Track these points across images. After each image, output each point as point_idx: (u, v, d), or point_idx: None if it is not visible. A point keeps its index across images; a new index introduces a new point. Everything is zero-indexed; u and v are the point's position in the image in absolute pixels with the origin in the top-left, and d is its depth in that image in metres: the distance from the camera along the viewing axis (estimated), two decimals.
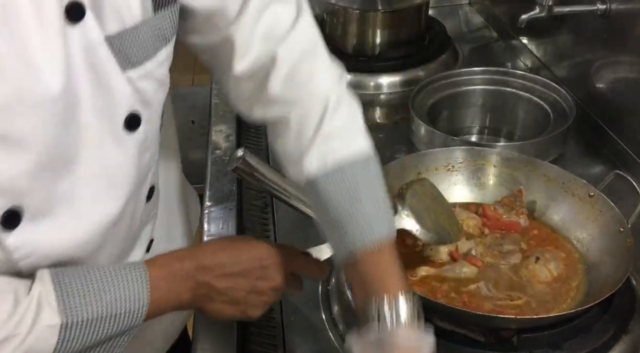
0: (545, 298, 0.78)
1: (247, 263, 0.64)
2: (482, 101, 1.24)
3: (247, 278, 0.64)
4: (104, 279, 0.57)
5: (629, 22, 1.04)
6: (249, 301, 0.65)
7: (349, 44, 1.41)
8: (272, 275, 0.65)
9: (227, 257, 0.64)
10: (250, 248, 0.66)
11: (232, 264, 0.64)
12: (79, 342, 0.55)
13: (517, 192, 0.92)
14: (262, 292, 0.65)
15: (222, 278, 0.63)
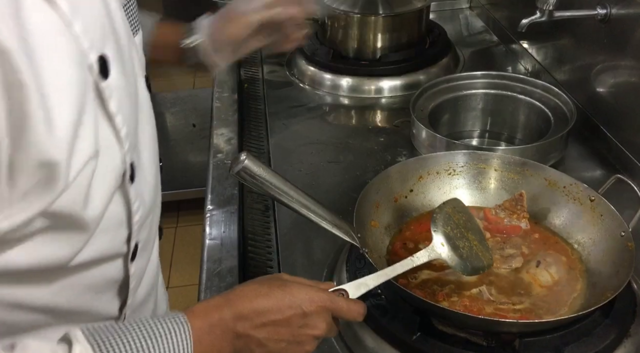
0: (546, 302, 0.78)
1: (289, 311, 0.61)
2: (482, 105, 1.24)
3: (289, 327, 0.61)
4: (145, 335, 0.54)
5: (629, 27, 1.05)
6: (290, 350, 0.61)
7: (350, 48, 1.41)
8: (314, 323, 0.62)
9: (266, 304, 0.61)
10: (292, 295, 0.62)
11: (273, 312, 0.60)
12: None
13: (518, 195, 0.92)
14: (303, 341, 0.62)
15: (262, 328, 0.60)
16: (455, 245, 0.76)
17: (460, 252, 0.76)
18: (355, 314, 0.66)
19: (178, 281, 2.33)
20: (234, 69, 1.46)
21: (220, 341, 0.59)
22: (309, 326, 0.62)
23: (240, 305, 0.60)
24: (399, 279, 0.80)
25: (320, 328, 0.62)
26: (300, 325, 0.61)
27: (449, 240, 0.76)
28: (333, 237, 0.78)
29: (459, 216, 0.80)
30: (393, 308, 0.76)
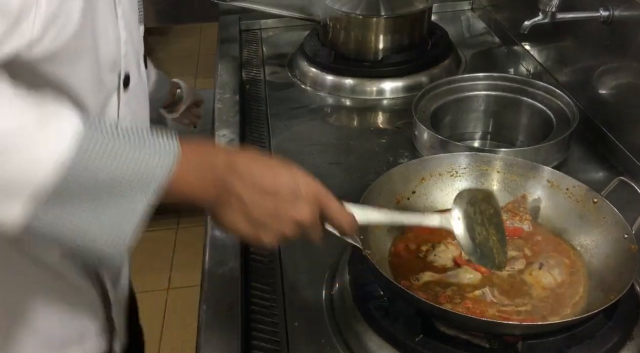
0: (549, 304, 0.78)
1: (282, 185, 0.59)
2: (484, 107, 1.24)
3: (275, 200, 0.59)
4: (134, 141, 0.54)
5: (632, 29, 1.04)
6: (267, 224, 0.60)
7: (352, 50, 1.41)
8: (301, 207, 0.60)
9: (264, 171, 0.59)
10: (292, 174, 0.61)
11: (267, 180, 0.59)
12: (91, 169, 0.51)
13: (521, 197, 0.92)
14: (283, 220, 0.60)
15: (250, 189, 0.58)
16: (471, 227, 0.73)
17: (475, 236, 0.74)
18: (343, 222, 0.64)
19: (179, 282, 2.33)
20: (236, 71, 1.45)
21: (206, 177, 0.57)
22: (295, 208, 0.60)
23: (239, 160, 0.59)
24: (401, 281, 0.80)
25: (304, 215, 0.60)
26: (286, 203, 0.60)
27: (467, 219, 0.73)
28: (335, 238, 0.78)
29: (488, 207, 0.77)
30: (395, 310, 0.76)
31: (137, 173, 0.53)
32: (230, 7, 1.60)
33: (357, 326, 0.78)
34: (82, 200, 0.52)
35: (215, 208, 0.59)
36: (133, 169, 0.53)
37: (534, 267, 0.82)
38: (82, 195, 0.52)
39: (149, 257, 2.36)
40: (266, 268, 0.92)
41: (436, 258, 0.84)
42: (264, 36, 1.67)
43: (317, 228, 0.64)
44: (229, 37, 1.62)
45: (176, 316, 2.18)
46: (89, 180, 0.51)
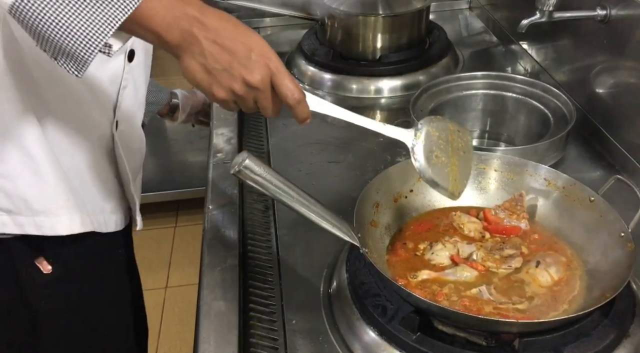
0: (545, 302, 0.78)
1: (239, 46, 0.65)
2: (482, 105, 1.25)
3: (231, 57, 0.65)
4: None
5: (629, 28, 1.05)
6: (219, 77, 0.65)
7: (350, 48, 1.41)
8: (253, 68, 0.65)
9: (227, 28, 0.65)
10: (252, 37, 0.67)
11: (228, 38, 0.65)
12: None
13: (518, 196, 0.92)
14: (234, 77, 0.65)
15: (211, 43, 0.64)
16: (430, 149, 0.75)
17: (431, 157, 0.75)
18: (289, 92, 0.69)
19: (177, 281, 2.33)
20: None
21: (172, 22, 0.62)
22: (247, 69, 0.66)
23: (209, 15, 0.65)
24: (398, 279, 0.80)
25: (255, 76, 0.66)
26: (240, 62, 0.65)
27: (428, 139, 0.74)
28: (333, 237, 0.78)
29: (458, 140, 0.78)
30: (393, 308, 0.76)
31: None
32: (229, 5, 1.60)
33: (355, 324, 0.78)
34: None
35: (177, 53, 0.65)
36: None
37: (531, 265, 0.82)
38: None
39: (148, 255, 2.36)
40: (264, 266, 0.92)
41: (434, 257, 0.84)
42: (262, 35, 1.67)
43: (266, 95, 0.68)
44: None
45: (174, 314, 2.19)
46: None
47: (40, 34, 0.60)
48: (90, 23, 0.59)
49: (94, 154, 0.90)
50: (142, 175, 1.10)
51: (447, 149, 0.78)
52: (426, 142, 0.77)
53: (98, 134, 0.90)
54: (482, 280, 0.81)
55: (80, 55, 0.61)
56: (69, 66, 0.62)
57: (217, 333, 0.78)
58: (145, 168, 1.09)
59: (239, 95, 0.67)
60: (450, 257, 0.84)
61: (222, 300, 0.83)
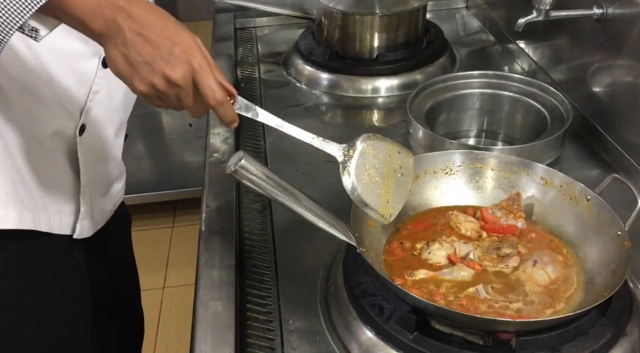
0: (543, 301, 0.78)
1: (164, 40, 0.64)
2: (479, 104, 1.25)
3: (155, 50, 0.64)
4: None
5: (625, 27, 1.05)
6: (140, 70, 0.64)
7: (347, 48, 1.41)
8: (174, 64, 0.64)
9: (154, 21, 0.64)
10: (179, 33, 0.65)
11: (153, 31, 0.64)
12: None
13: (515, 195, 0.92)
14: (155, 72, 0.64)
15: (134, 35, 0.63)
16: (363, 167, 0.73)
17: (362, 176, 0.74)
18: (210, 93, 0.67)
19: (174, 281, 2.33)
20: (231, 69, 1.45)
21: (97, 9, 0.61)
22: (170, 63, 0.64)
23: (135, 5, 0.63)
24: (395, 278, 0.80)
25: (176, 73, 0.64)
26: (162, 56, 0.64)
27: (361, 157, 0.73)
28: (330, 236, 0.78)
29: (397, 160, 0.76)
30: (390, 307, 0.76)
31: None
32: (226, 5, 1.60)
33: (352, 324, 0.78)
34: None
35: (102, 42, 0.64)
36: None
37: (528, 265, 0.82)
38: None
39: (145, 255, 2.36)
40: (261, 266, 0.92)
41: (431, 256, 0.84)
42: (259, 34, 1.67)
43: (188, 93, 0.67)
44: (224, 35, 1.62)
45: (172, 314, 2.18)
46: None
47: None
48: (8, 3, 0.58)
49: (52, 152, 0.87)
50: (121, 185, 1.06)
51: (382, 169, 0.76)
52: (359, 160, 0.75)
53: (59, 134, 0.87)
54: (479, 280, 0.81)
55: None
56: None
57: (214, 334, 0.78)
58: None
59: (160, 91, 0.66)
60: (447, 256, 0.84)
61: (219, 300, 0.83)
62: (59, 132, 0.87)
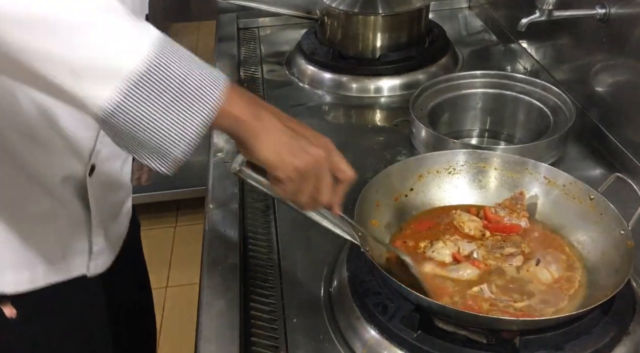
0: (546, 300, 0.79)
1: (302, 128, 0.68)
2: (482, 104, 1.25)
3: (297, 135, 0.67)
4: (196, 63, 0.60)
5: (628, 26, 1.05)
6: (288, 154, 0.66)
7: (350, 48, 1.42)
8: (316, 147, 0.68)
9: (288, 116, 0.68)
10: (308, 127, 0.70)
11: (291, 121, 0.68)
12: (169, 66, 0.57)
13: (518, 194, 0.92)
14: (304, 151, 0.67)
15: (279, 122, 0.66)
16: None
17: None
18: (347, 166, 0.73)
19: (178, 280, 2.33)
20: (234, 69, 1.46)
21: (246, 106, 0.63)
22: (312, 147, 0.68)
23: (267, 104, 0.67)
24: (399, 277, 0.80)
25: (319, 153, 0.68)
26: (307, 138, 0.68)
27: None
28: (333, 235, 0.78)
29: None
30: (393, 306, 0.76)
31: (203, 77, 0.59)
32: (228, 5, 1.60)
33: (356, 322, 0.78)
34: (157, 95, 0.57)
35: (249, 135, 0.64)
36: (200, 73, 0.59)
37: (531, 264, 0.83)
38: (158, 90, 0.57)
39: (148, 254, 2.36)
40: (265, 265, 0.92)
41: (435, 255, 0.84)
42: (261, 34, 1.67)
43: (326, 171, 0.70)
44: (227, 35, 1.62)
45: (175, 314, 2.19)
46: (165, 76, 0.57)
47: (132, 138, 0.59)
48: (184, 124, 0.59)
49: (61, 198, 0.85)
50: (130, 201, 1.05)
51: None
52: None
53: (68, 178, 0.84)
54: (483, 279, 0.81)
55: (174, 155, 0.60)
56: (157, 164, 0.61)
57: (218, 333, 0.78)
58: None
59: (304, 172, 0.67)
60: (452, 254, 0.85)
61: (222, 300, 0.83)
62: (68, 176, 0.84)
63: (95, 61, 0.55)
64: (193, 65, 0.59)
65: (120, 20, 0.57)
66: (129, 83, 0.56)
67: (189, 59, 0.59)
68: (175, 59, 0.58)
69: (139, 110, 0.57)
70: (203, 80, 0.59)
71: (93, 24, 0.55)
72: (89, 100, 0.56)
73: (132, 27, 0.57)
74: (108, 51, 0.56)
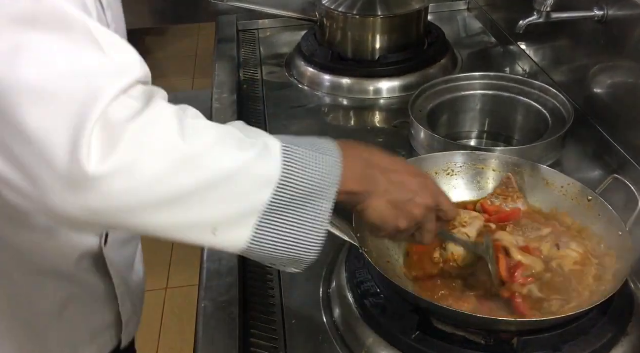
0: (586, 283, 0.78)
1: (408, 176, 0.68)
2: (481, 106, 1.25)
3: (409, 187, 0.67)
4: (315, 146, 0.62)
5: (626, 28, 1.05)
6: (405, 209, 0.66)
7: (349, 49, 1.42)
8: (425, 192, 0.68)
9: (391, 161, 0.68)
10: (409, 167, 0.71)
11: (398, 171, 0.68)
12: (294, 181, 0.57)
13: (506, 179, 0.93)
14: (417, 204, 0.67)
15: (388, 179, 0.66)
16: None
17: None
18: (452, 206, 0.71)
19: (178, 282, 2.33)
20: (234, 71, 1.46)
21: (358, 174, 0.63)
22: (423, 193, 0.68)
23: (374, 153, 0.67)
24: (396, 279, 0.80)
25: (429, 198, 0.68)
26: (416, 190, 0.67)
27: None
28: (332, 237, 0.78)
29: None
30: (392, 307, 0.77)
31: (323, 173, 0.59)
32: (228, 7, 1.61)
33: (354, 323, 0.78)
34: (287, 214, 0.58)
35: (358, 203, 0.65)
36: (320, 173, 0.59)
37: (553, 250, 0.82)
38: (287, 208, 0.58)
39: (147, 256, 2.36)
40: (264, 266, 0.92)
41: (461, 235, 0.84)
42: (261, 36, 1.68)
43: (433, 215, 0.70)
44: (227, 37, 1.62)
45: (175, 315, 2.19)
46: (292, 193, 0.57)
47: (270, 258, 0.60)
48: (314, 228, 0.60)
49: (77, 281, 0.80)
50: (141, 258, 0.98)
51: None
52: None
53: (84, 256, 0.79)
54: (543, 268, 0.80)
55: (310, 260, 0.62)
56: (292, 269, 0.64)
57: (217, 334, 0.78)
58: None
59: (417, 221, 0.68)
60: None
61: (221, 301, 0.83)
62: (82, 255, 0.79)
63: (233, 210, 0.56)
64: (311, 162, 0.59)
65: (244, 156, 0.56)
66: (263, 215, 0.56)
67: (306, 157, 0.59)
68: (296, 167, 0.58)
69: (273, 235, 0.58)
70: (323, 178, 0.59)
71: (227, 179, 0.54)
72: (229, 248, 0.57)
73: (256, 156, 0.56)
74: (243, 196, 0.55)
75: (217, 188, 0.54)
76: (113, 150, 0.48)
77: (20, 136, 0.48)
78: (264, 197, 0.56)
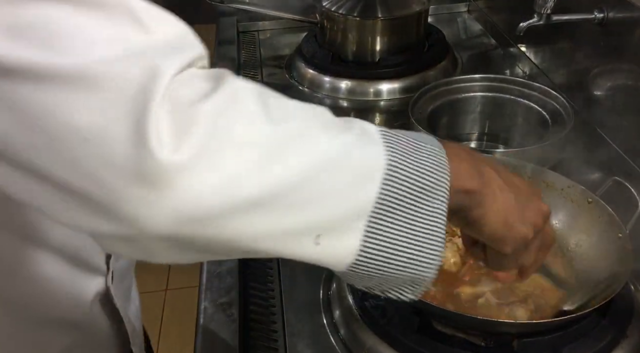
0: (543, 303, 0.79)
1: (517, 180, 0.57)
2: (481, 108, 1.25)
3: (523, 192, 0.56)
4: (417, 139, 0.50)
5: (626, 30, 1.05)
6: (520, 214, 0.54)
7: (349, 51, 1.42)
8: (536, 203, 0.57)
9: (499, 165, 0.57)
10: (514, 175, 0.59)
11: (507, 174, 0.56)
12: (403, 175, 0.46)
13: None
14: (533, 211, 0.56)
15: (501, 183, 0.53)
16: None
17: None
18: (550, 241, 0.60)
19: (177, 283, 2.33)
20: (234, 72, 1.46)
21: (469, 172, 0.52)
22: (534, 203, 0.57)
23: (475, 152, 0.57)
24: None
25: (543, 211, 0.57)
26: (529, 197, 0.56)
27: None
28: None
29: None
30: (392, 308, 0.77)
31: (431, 167, 0.48)
32: (228, 8, 1.61)
33: (354, 324, 0.78)
34: (397, 215, 0.46)
35: (475, 206, 0.52)
36: (427, 165, 0.48)
37: None
38: (396, 208, 0.46)
39: None
40: (264, 267, 0.92)
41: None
42: (261, 38, 1.68)
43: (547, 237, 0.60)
44: (227, 38, 1.62)
45: (174, 316, 2.19)
46: (401, 187, 0.45)
47: (379, 278, 0.48)
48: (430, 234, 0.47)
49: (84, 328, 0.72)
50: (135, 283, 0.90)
51: None
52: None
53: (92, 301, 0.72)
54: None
55: (429, 278, 0.49)
56: (406, 294, 0.50)
57: (218, 335, 0.78)
58: None
59: (538, 230, 0.57)
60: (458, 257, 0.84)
61: (221, 302, 0.83)
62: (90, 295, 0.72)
63: (339, 209, 0.43)
64: (414, 151, 0.47)
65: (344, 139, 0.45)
66: (371, 217, 0.44)
67: (409, 145, 0.47)
68: (400, 156, 0.46)
69: (384, 244, 0.45)
70: (432, 171, 0.47)
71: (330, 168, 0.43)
72: (333, 261, 0.45)
73: (355, 140, 0.45)
74: (347, 191, 0.43)
75: (317, 181, 0.42)
76: (187, 135, 0.38)
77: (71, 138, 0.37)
78: (371, 193, 0.44)
